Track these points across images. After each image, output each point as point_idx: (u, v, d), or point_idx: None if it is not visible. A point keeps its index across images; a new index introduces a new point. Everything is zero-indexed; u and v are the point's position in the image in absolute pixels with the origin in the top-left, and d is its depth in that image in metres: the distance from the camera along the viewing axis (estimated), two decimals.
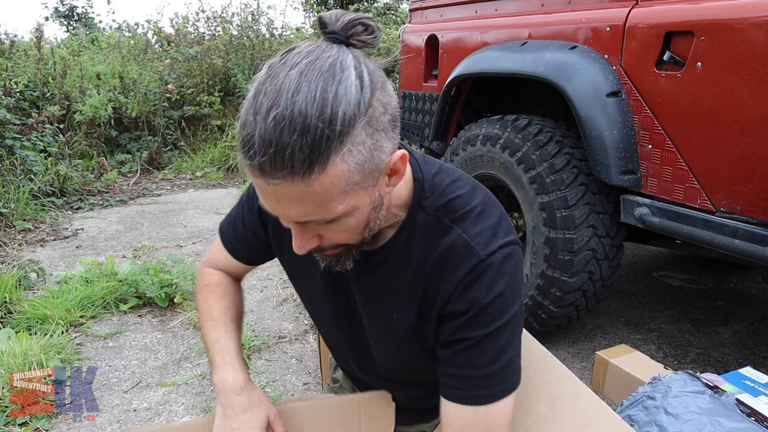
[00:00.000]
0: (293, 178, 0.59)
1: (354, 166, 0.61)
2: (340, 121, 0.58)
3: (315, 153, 0.58)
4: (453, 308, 0.78)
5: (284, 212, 0.65)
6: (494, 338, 0.77)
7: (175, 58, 5.95)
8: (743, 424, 1.01)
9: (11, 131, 4.15)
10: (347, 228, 0.69)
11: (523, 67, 2.00)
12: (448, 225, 0.79)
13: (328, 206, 0.63)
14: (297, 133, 0.57)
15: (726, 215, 1.55)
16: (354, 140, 0.60)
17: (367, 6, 10.94)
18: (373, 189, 0.68)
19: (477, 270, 0.76)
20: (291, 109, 0.57)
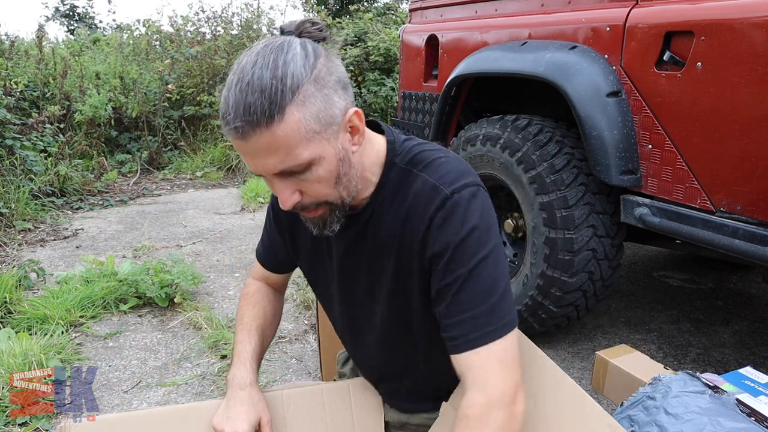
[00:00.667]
0: (260, 129, 0.72)
1: (309, 115, 0.74)
2: (290, 78, 0.73)
3: (273, 105, 0.71)
4: (432, 250, 0.85)
5: (263, 166, 0.77)
6: (480, 272, 0.82)
7: (175, 58, 5.95)
8: (743, 424, 1.01)
9: (11, 131, 4.15)
10: (320, 178, 0.80)
11: (523, 67, 2.00)
12: (416, 174, 0.89)
13: (295, 152, 0.75)
14: (257, 92, 0.71)
15: (726, 215, 1.55)
16: (305, 93, 0.74)
17: (367, 6, 10.95)
18: (335, 141, 0.79)
19: (446, 207, 0.83)
20: (251, 76, 0.72)
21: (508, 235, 2.34)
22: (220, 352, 2.20)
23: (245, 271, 3.07)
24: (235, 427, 0.96)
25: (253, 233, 3.74)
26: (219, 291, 2.80)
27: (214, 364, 2.13)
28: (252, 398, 1.00)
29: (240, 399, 1.00)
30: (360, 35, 7.33)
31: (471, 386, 0.81)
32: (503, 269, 0.85)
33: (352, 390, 1.11)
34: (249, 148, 0.75)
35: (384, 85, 6.73)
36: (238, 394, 1.01)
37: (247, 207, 4.38)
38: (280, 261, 1.15)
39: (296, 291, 2.76)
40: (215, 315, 2.47)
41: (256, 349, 1.08)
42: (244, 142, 0.74)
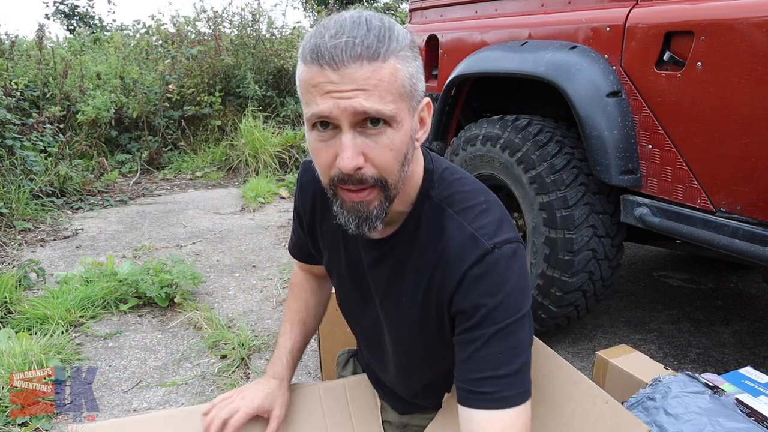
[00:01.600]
0: (361, 61, 0.68)
1: (405, 73, 0.72)
2: (397, 34, 0.72)
3: (381, 43, 0.69)
4: (462, 305, 0.79)
5: (346, 105, 0.69)
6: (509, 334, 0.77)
7: (176, 59, 5.95)
8: (743, 424, 1.01)
9: (11, 131, 4.15)
10: (392, 145, 0.73)
11: (523, 67, 2.00)
12: (451, 214, 0.82)
13: (387, 98, 0.71)
14: (365, 29, 0.69)
15: (726, 215, 1.55)
16: (405, 54, 0.73)
17: (367, 6, 10.95)
18: (412, 119, 0.76)
19: (484, 263, 0.77)
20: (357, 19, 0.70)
21: None
22: (220, 352, 2.20)
23: (245, 271, 3.07)
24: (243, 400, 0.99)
25: (253, 233, 3.74)
26: (219, 291, 2.80)
27: (214, 364, 2.13)
28: (274, 389, 1.03)
29: (264, 384, 1.04)
30: None
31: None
32: (530, 334, 0.81)
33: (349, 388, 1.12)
34: (339, 79, 0.68)
35: None
36: (267, 380, 1.05)
37: (247, 207, 4.37)
38: (311, 255, 1.11)
39: None
40: (215, 315, 2.47)
41: (296, 344, 1.11)
42: (335, 72, 0.68)
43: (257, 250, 3.40)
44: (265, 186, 4.73)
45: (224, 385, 1.99)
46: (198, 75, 5.91)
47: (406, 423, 1.13)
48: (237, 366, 2.11)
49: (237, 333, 2.31)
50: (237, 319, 2.48)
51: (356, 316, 1.06)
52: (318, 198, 0.96)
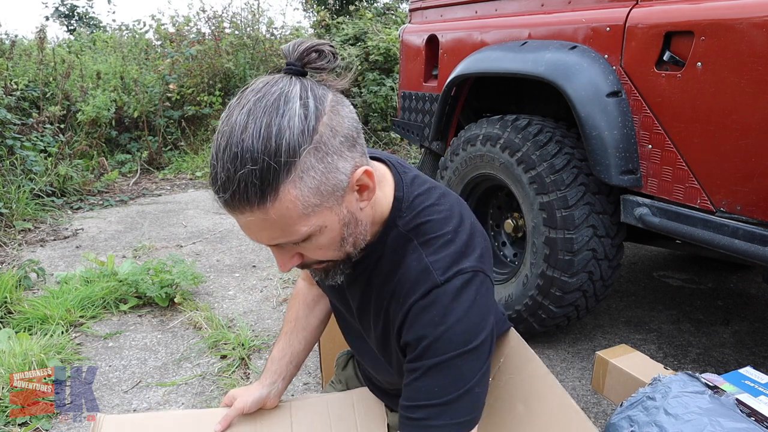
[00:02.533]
0: (251, 209, 0.64)
1: (307, 191, 0.66)
2: (284, 152, 0.63)
3: (265, 184, 0.63)
4: (406, 337, 0.78)
5: (257, 238, 0.70)
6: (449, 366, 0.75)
7: (175, 58, 5.95)
8: (743, 424, 1.01)
9: (11, 131, 4.15)
10: (321, 245, 0.73)
11: (523, 67, 2.00)
12: (414, 246, 0.80)
13: (292, 229, 0.68)
14: (247, 168, 0.62)
15: (726, 215, 1.55)
16: (302, 167, 0.64)
17: (367, 6, 10.94)
18: (339, 207, 0.71)
19: (431, 296, 0.76)
20: (240, 146, 0.62)
21: (508, 235, 2.34)
22: (220, 352, 2.20)
23: (245, 271, 3.07)
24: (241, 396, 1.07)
25: None
26: (219, 291, 2.80)
27: (214, 364, 2.13)
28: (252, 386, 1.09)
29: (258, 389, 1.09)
30: (360, 35, 7.33)
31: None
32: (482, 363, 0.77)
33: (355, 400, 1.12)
34: (241, 222, 0.68)
35: (383, 85, 6.73)
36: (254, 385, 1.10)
37: None
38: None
39: None
40: (215, 315, 2.47)
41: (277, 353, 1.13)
42: (235, 217, 0.68)
43: (257, 250, 3.40)
44: None
45: (224, 385, 1.99)
46: (198, 75, 5.91)
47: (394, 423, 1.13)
48: (237, 366, 2.11)
49: (237, 333, 2.31)
50: (237, 319, 2.48)
51: (344, 327, 1.10)
52: None
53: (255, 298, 2.73)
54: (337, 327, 1.68)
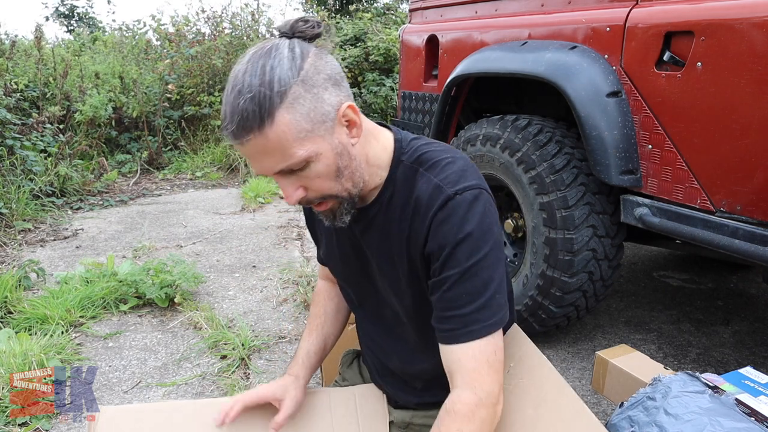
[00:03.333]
0: (252, 134, 0.76)
1: (299, 116, 0.77)
2: (276, 82, 0.76)
3: (262, 110, 0.75)
4: (431, 248, 0.88)
5: (261, 167, 0.81)
6: (474, 274, 0.86)
7: (174, 59, 5.95)
8: (743, 424, 1.01)
9: (11, 131, 4.15)
10: (319, 173, 0.83)
11: (523, 67, 2.00)
12: (421, 173, 0.91)
13: (289, 152, 0.78)
14: (247, 99, 0.75)
15: (726, 215, 1.55)
16: (293, 95, 0.77)
17: (367, 6, 10.94)
18: (331, 137, 0.82)
19: (447, 208, 0.86)
20: (241, 84, 0.76)
21: (508, 235, 2.34)
22: (220, 352, 2.20)
23: (245, 271, 3.07)
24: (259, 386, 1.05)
25: (253, 233, 3.74)
26: (219, 291, 2.80)
27: (214, 364, 2.13)
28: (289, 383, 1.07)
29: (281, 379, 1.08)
30: (359, 35, 7.33)
31: (461, 385, 0.87)
32: (498, 271, 0.88)
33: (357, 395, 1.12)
34: (246, 151, 0.79)
35: (383, 85, 6.73)
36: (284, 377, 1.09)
37: (247, 207, 4.38)
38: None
39: (296, 291, 2.76)
40: (215, 315, 2.47)
41: (312, 347, 1.15)
42: (242, 146, 0.79)
43: (257, 250, 3.40)
44: (265, 186, 4.73)
45: (224, 385, 1.99)
46: (198, 75, 5.91)
47: (408, 422, 1.13)
48: (237, 366, 2.11)
49: (237, 333, 2.31)
50: (237, 319, 2.47)
51: (358, 293, 1.11)
52: None
53: (255, 298, 2.73)
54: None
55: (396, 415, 1.15)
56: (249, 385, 2.00)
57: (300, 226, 3.91)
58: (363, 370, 1.29)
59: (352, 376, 1.29)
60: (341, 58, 6.89)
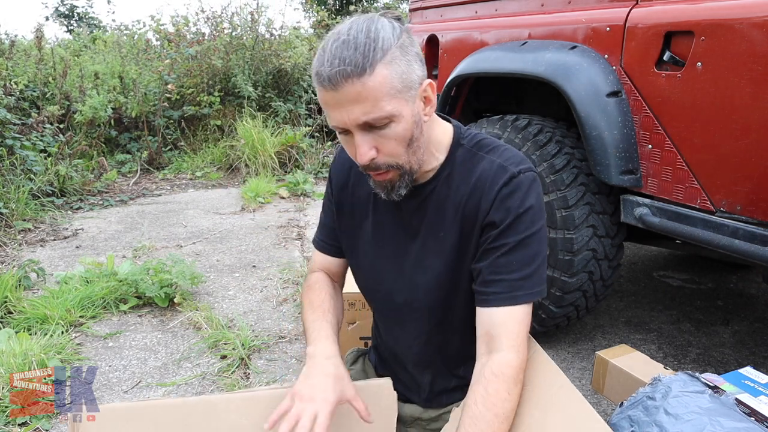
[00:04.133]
0: (352, 79, 0.82)
1: (394, 74, 0.85)
2: (381, 41, 0.84)
3: (366, 59, 0.82)
4: (493, 217, 0.95)
5: (348, 116, 0.85)
6: (526, 245, 0.94)
7: (174, 59, 5.95)
8: (744, 424, 1.01)
9: (11, 131, 4.15)
10: (397, 135, 0.88)
11: (523, 67, 2.00)
12: (481, 156, 1.00)
13: (379, 104, 0.84)
14: (352, 48, 0.82)
15: (726, 215, 1.55)
16: (392, 55, 0.84)
17: (367, 6, 10.94)
18: (413, 105, 0.89)
19: (512, 183, 0.95)
20: (346, 35, 0.83)
21: None
22: (220, 352, 2.20)
23: (245, 271, 3.07)
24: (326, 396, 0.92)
25: (253, 233, 3.74)
26: (219, 291, 2.80)
27: (214, 364, 2.13)
28: (338, 370, 0.98)
29: (325, 369, 0.97)
30: None
31: (507, 348, 0.93)
32: (544, 248, 0.98)
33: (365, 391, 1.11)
34: (339, 97, 0.84)
35: None
36: (323, 363, 0.98)
37: (247, 207, 4.38)
38: (336, 241, 1.19)
39: (296, 291, 2.76)
40: (215, 315, 2.47)
41: (333, 327, 1.09)
42: (335, 92, 0.83)
43: (257, 250, 3.40)
44: (265, 186, 4.73)
45: (224, 385, 1.99)
46: (197, 75, 5.91)
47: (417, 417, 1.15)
48: (237, 366, 2.11)
49: (237, 333, 2.31)
50: (237, 319, 2.48)
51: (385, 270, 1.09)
52: (354, 171, 1.12)
53: (255, 298, 2.73)
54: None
55: (405, 409, 1.15)
56: (249, 385, 2.00)
57: (300, 226, 3.91)
58: (367, 367, 1.30)
59: (356, 374, 1.29)
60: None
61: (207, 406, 1.04)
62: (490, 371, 0.91)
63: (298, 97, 6.24)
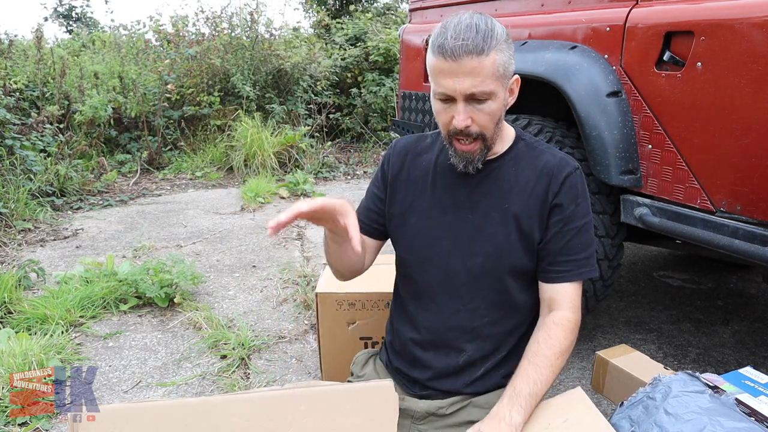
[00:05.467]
0: (472, 55, 1.00)
1: (502, 60, 1.03)
2: (497, 32, 1.03)
3: (486, 42, 1.00)
4: (561, 200, 1.13)
5: (461, 84, 1.02)
6: (587, 230, 1.16)
7: (174, 59, 5.94)
8: (744, 424, 1.01)
9: (11, 131, 4.15)
10: (491, 111, 1.06)
11: (523, 67, 2.00)
12: (542, 149, 1.19)
13: (487, 81, 1.02)
14: (474, 31, 1.00)
15: (726, 215, 1.55)
16: (502, 46, 1.04)
17: (367, 6, 10.94)
18: (505, 91, 1.08)
19: (575, 174, 1.15)
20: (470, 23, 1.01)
21: None
22: (220, 352, 2.20)
23: (245, 271, 3.07)
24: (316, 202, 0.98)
25: (253, 233, 3.74)
26: (219, 291, 2.80)
27: (214, 364, 2.13)
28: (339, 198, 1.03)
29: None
30: (359, 35, 7.33)
31: (566, 307, 1.14)
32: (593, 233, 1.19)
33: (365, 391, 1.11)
34: (456, 68, 1.00)
35: (383, 85, 6.73)
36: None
37: (247, 207, 4.38)
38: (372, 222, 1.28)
39: (296, 291, 2.76)
40: (215, 315, 2.47)
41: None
42: (454, 62, 1.00)
43: (257, 250, 3.40)
44: (265, 186, 4.73)
45: (224, 385, 1.99)
46: (197, 75, 5.90)
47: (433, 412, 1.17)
48: (237, 366, 2.11)
49: (237, 333, 2.31)
50: (237, 319, 2.48)
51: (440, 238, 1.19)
52: (409, 156, 1.26)
53: (255, 298, 2.73)
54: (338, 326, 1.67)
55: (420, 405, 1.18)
56: (249, 385, 2.00)
57: (300, 226, 3.91)
58: (379, 368, 1.31)
59: (369, 376, 1.30)
60: (341, 58, 6.89)
61: (207, 407, 1.04)
62: (551, 321, 1.12)
63: (297, 97, 6.24)
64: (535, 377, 1.06)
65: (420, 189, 1.22)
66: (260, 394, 1.09)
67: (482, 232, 1.16)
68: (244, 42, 6.09)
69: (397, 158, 1.27)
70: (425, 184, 1.22)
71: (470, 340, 1.19)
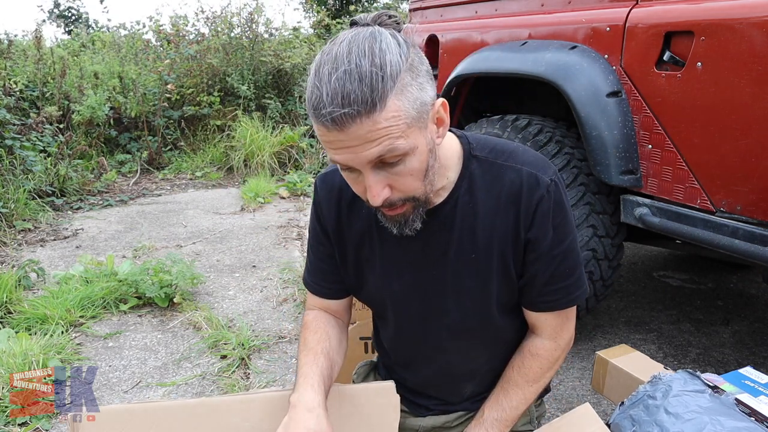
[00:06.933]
0: (360, 118, 0.70)
1: (408, 104, 0.74)
2: (389, 66, 0.71)
3: (375, 94, 0.70)
4: (536, 234, 0.91)
5: (359, 157, 0.74)
6: (572, 249, 0.95)
7: (174, 59, 5.94)
8: (744, 423, 1.01)
9: (11, 131, 4.15)
10: (412, 170, 0.79)
11: (523, 67, 2.00)
12: (501, 165, 0.92)
13: (393, 141, 0.74)
14: (356, 81, 0.69)
15: (726, 215, 1.55)
16: (402, 82, 0.73)
17: (367, 6, 10.94)
18: (426, 131, 0.79)
19: (550, 193, 0.90)
20: (348, 66, 0.70)
21: None
22: (220, 352, 2.20)
23: (245, 271, 3.07)
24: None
25: (253, 233, 3.74)
26: (219, 291, 2.80)
27: (214, 364, 2.13)
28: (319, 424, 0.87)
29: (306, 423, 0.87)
30: None
31: (546, 337, 1.01)
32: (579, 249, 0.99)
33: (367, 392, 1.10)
34: (346, 137, 0.72)
35: None
36: (304, 416, 0.87)
37: (247, 207, 4.38)
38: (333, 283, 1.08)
39: (297, 291, 2.76)
40: (215, 315, 2.47)
41: (324, 371, 0.97)
42: (341, 132, 0.72)
43: (257, 250, 3.40)
44: (265, 186, 4.73)
45: (224, 385, 1.99)
46: (197, 75, 5.90)
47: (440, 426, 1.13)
48: (237, 366, 2.11)
49: (237, 333, 2.31)
50: (237, 319, 2.47)
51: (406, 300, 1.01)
52: (343, 203, 1.01)
53: (255, 298, 2.72)
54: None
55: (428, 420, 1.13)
56: (249, 385, 2.00)
57: (300, 226, 3.91)
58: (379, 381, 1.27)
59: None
60: None
61: (207, 408, 1.04)
62: (528, 350, 1.02)
63: (297, 97, 6.24)
64: (504, 404, 1.01)
65: (367, 247, 1.00)
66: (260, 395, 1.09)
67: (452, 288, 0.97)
68: (243, 42, 6.09)
69: (329, 209, 1.02)
70: (371, 241, 0.99)
71: (470, 380, 1.09)
